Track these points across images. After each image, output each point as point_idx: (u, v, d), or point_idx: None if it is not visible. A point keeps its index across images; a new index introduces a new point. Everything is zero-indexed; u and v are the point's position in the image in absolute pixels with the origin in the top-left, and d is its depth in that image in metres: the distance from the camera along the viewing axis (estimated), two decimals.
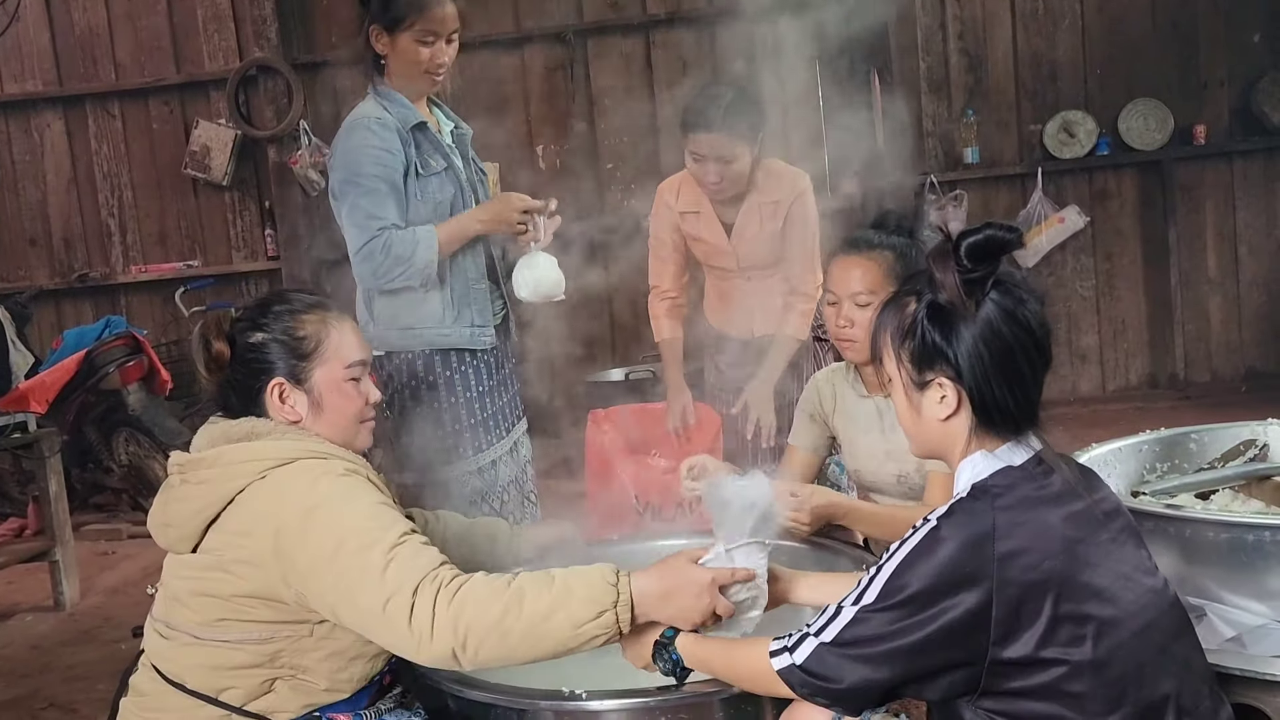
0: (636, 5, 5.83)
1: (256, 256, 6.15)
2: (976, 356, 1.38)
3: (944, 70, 5.73)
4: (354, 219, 2.46)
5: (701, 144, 2.85)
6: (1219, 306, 5.74)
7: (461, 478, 2.58)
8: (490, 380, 2.65)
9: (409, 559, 1.57)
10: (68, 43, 6.14)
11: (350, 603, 1.58)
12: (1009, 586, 1.28)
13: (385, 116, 2.50)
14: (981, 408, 1.40)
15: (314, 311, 1.78)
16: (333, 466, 1.67)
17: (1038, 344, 1.40)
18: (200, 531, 1.68)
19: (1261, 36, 5.52)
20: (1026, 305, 1.39)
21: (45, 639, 3.77)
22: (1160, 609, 1.37)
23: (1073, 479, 1.39)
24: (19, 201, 6.28)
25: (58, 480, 4.03)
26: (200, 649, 1.67)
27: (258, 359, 1.74)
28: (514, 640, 1.51)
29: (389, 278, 2.47)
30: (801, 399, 2.46)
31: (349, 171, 2.47)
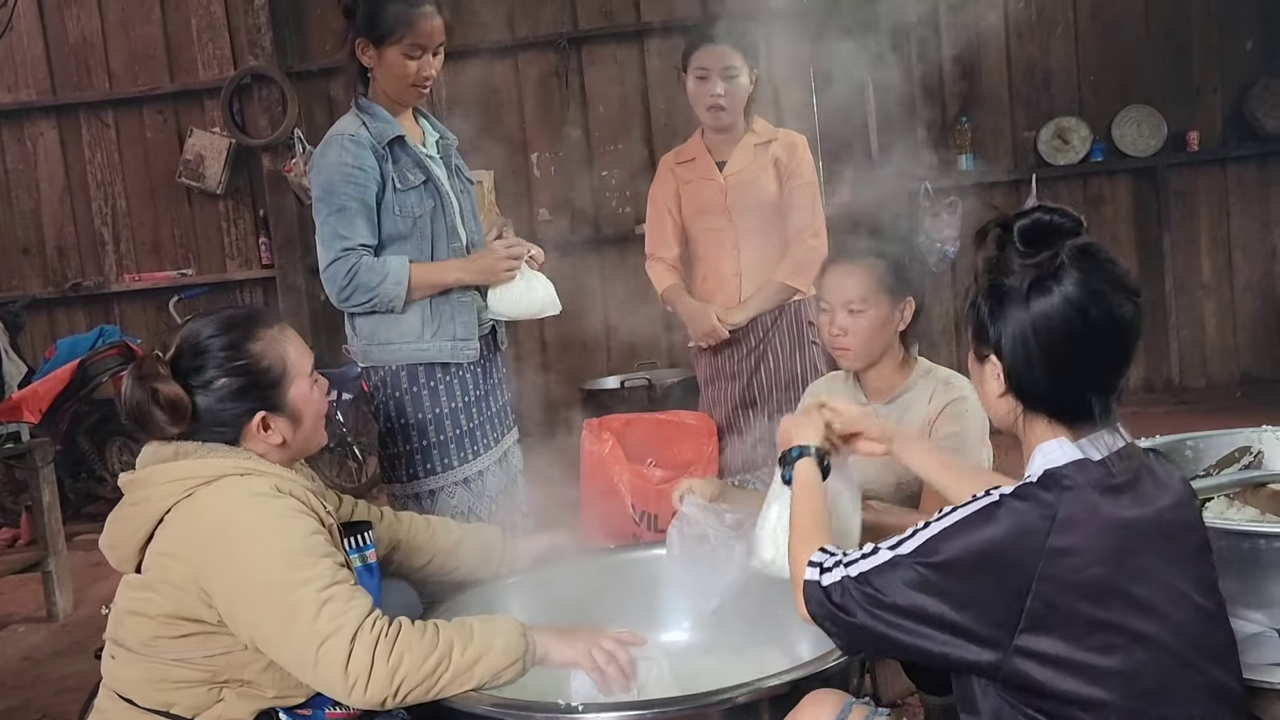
0: (630, 12, 5.84)
1: (251, 265, 6.14)
2: (1020, 342, 1.36)
3: (938, 77, 5.74)
4: (322, 237, 2.45)
5: (706, 57, 2.97)
6: (1214, 312, 5.75)
7: (448, 489, 2.55)
8: (476, 390, 2.61)
9: (344, 602, 1.59)
10: (61, 52, 6.13)
11: (279, 639, 1.58)
12: (1050, 582, 1.27)
13: (360, 133, 2.48)
14: (1020, 392, 1.39)
15: (261, 336, 1.74)
16: (258, 484, 1.64)
17: (1098, 337, 1.34)
18: (138, 552, 1.68)
19: (1254, 43, 5.54)
20: (1101, 299, 1.33)
21: (38, 650, 3.75)
22: (1205, 631, 1.35)
23: (1151, 486, 1.37)
24: (12, 210, 6.26)
25: (51, 490, 4.01)
26: (144, 664, 1.67)
27: (229, 402, 1.70)
28: (439, 688, 1.60)
29: (351, 302, 2.46)
30: (800, 405, 2.45)
31: (321, 189, 2.47)
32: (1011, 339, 1.37)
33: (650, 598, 2.25)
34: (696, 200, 3.12)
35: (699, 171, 3.13)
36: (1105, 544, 1.29)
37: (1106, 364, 1.38)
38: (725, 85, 2.97)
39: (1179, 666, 1.31)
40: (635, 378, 4.94)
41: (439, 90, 5.94)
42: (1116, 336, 1.36)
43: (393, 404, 2.55)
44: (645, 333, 5.85)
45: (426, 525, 2.16)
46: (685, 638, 2.23)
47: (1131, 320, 1.37)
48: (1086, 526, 1.29)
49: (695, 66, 3.00)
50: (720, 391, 3.12)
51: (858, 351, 2.22)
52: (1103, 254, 1.38)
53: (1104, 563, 1.28)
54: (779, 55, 5.75)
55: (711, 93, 2.98)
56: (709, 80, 2.98)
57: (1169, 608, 1.31)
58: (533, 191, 6.01)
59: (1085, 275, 1.34)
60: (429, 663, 1.58)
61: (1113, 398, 1.39)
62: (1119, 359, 1.38)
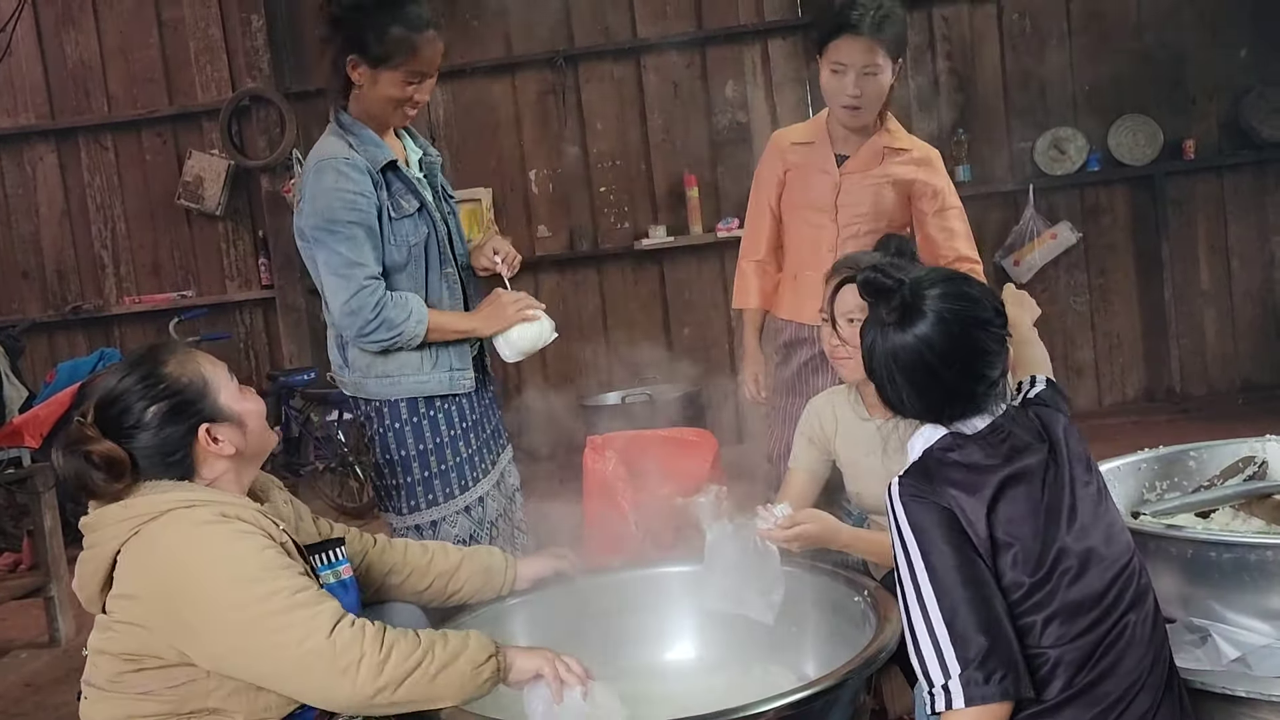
0: (627, 29, 5.86)
1: (250, 285, 6.15)
2: (882, 367, 1.63)
3: (933, 89, 5.75)
4: (334, 267, 2.32)
5: (845, 50, 2.65)
6: (1213, 319, 5.75)
7: (451, 518, 2.50)
8: (472, 415, 2.55)
9: (313, 606, 1.59)
10: (60, 75, 6.16)
11: (255, 652, 1.58)
12: (961, 514, 1.49)
13: (354, 156, 2.35)
14: (890, 406, 1.65)
15: (168, 360, 1.73)
16: (202, 514, 1.63)
17: (945, 359, 1.55)
18: (99, 593, 1.69)
19: (1248, 51, 5.56)
20: (946, 325, 1.54)
21: (39, 676, 3.73)
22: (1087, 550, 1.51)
23: (1025, 438, 1.56)
24: (11, 234, 6.27)
25: (52, 515, 4.01)
26: (112, 701, 1.67)
27: (169, 425, 1.69)
28: (425, 682, 1.59)
29: (372, 337, 2.36)
30: (801, 422, 2.45)
31: (322, 218, 2.32)
32: (877, 368, 1.63)
33: (655, 616, 2.24)
34: (803, 190, 2.85)
35: (814, 159, 2.83)
36: (984, 497, 1.50)
37: (962, 380, 1.57)
38: (863, 84, 2.67)
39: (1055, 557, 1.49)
40: (636, 393, 4.94)
41: (436, 109, 5.96)
42: (964, 356, 1.56)
43: (392, 436, 2.47)
44: (646, 348, 5.86)
45: (424, 550, 2.14)
46: (691, 656, 2.23)
47: (977, 341, 1.57)
48: (967, 480, 1.51)
49: (831, 59, 2.68)
50: (791, 406, 2.85)
51: (857, 363, 2.20)
52: (954, 279, 1.61)
53: (980, 515, 1.49)
54: (777, 68, 5.79)
55: (847, 92, 2.67)
56: (845, 76, 2.66)
57: (1032, 543, 1.49)
58: (531, 208, 6.02)
59: (935, 309, 1.56)
60: (415, 655, 1.59)
61: (983, 402, 1.58)
62: (975, 375, 1.57)
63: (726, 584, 2.02)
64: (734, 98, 5.82)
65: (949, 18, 5.72)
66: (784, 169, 2.90)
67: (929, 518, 1.50)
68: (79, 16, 6.11)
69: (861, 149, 2.81)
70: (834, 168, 2.82)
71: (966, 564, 1.46)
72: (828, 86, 2.74)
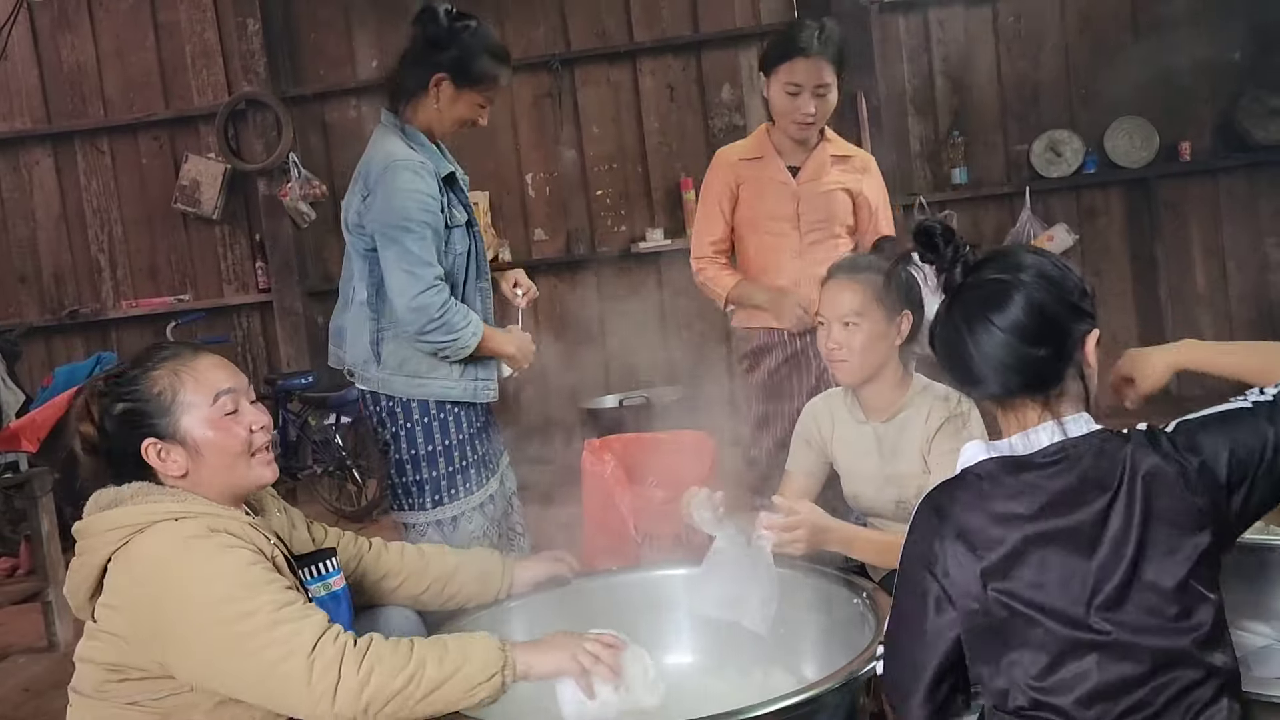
0: (623, 33, 5.87)
1: (248, 289, 6.15)
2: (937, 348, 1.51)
3: (929, 92, 5.77)
4: (406, 263, 2.42)
5: (798, 71, 2.81)
6: (1209, 322, 5.76)
7: (469, 514, 2.61)
8: (479, 420, 2.66)
9: (295, 622, 1.57)
10: (56, 80, 6.15)
11: (235, 670, 1.56)
12: (946, 578, 1.38)
13: (427, 162, 2.51)
14: (964, 388, 1.50)
15: (163, 365, 1.73)
16: (189, 527, 1.63)
17: (1036, 309, 1.41)
18: (88, 602, 1.69)
19: (1242, 55, 5.58)
20: (1023, 279, 1.42)
21: (38, 681, 3.72)
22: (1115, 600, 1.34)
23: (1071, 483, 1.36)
24: (8, 239, 6.27)
25: (50, 520, 3.99)
26: (98, 710, 1.67)
27: (123, 428, 1.71)
28: (414, 703, 1.56)
29: (431, 338, 2.46)
30: (798, 425, 2.45)
31: (398, 215, 2.43)
32: (939, 339, 1.48)
33: (654, 619, 2.24)
34: (760, 202, 2.94)
35: (767, 171, 2.95)
36: (992, 534, 1.36)
37: (1051, 333, 1.43)
38: (817, 102, 2.83)
39: (1072, 644, 1.33)
40: (634, 396, 4.95)
41: None
42: (1053, 304, 1.43)
43: (420, 430, 2.57)
44: (643, 351, 5.86)
45: (420, 554, 2.14)
46: (690, 659, 2.23)
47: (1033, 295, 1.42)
48: (968, 522, 1.38)
49: (785, 80, 2.83)
50: (770, 414, 2.96)
51: (854, 365, 2.22)
52: (1018, 249, 1.49)
53: (989, 548, 1.36)
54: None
55: (803, 110, 2.83)
56: (800, 96, 2.82)
57: (1059, 591, 1.33)
58: (528, 212, 6.02)
59: (1004, 265, 1.45)
60: (401, 676, 1.55)
61: (1060, 372, 1.42)
62: (1061, 328, 1.43)
63: (725, 592, 2.02)
64: (730, 100, 5.83)
65: (944, 21, 5.74)
66: (736, 183, 2.99)
67: (916, 552, 1.44)
68: (75, 20, 6.11)
69: (810, 159, 2.95)
70: (790, 178, 2.94)
71: (920, 618, 1.43)
72: (781, 105, 2.88)
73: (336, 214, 6.83)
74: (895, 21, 5.74)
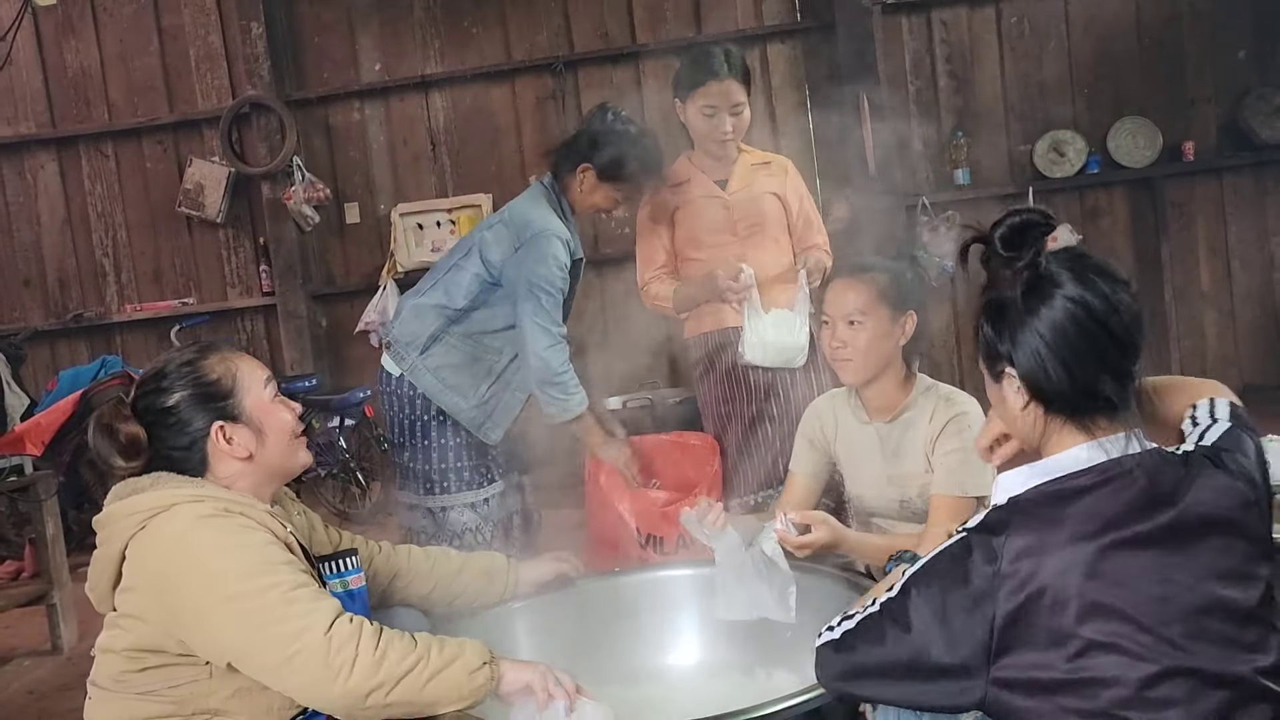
0: (625, 34, 5.87)
1: (251, 292, 6.16)
2: (1026, 344, 1.36)
3: (933, 93, 5.77)
4: (541, 320, 2.76)
5: (714, 94, 2.97)
6: (1214, 321, 5.75)
7: (458, 508, 2.80)
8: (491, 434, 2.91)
9: (313, 600, 1.59)
10: (60, 84, 6.17)
11: (250, 650, 1.57)
12: (1006, 607, 1.27)
13: (571, 241, 2.84)
14: (1040, 395, 1.37)
15: (211, 354, 1.78)
16: (206, 508, 1.65)
17: (1105, 326, 1.34)
18: (109, 591, 1.70)
19: (1246, 53, 5.57)
20: (1093, 288, 1.35)
21: (43, 683, 3.73)
22: (1203, 627, 1.28)
23: (1168, 486, 1.31)
24: (13, 243, 6.29)
25: (54, 523, 4.01)
26: (115, 702, 1.67)
27: (182, 417, 1.72)
28: (418, 686, 1.58)
29: (546, 390, 2.78)
30: (801, 424, 2.45)
31: (542, 277, 2.75)
32: (1022, 345, 1.37)
33: (658, 620, 2.24)
34: (697, 220, 3.06)
35: (698, 191, 3.07)
36: (1052, 564, 1.27)
37: (1115, 351, 1.36)
38: (734, 120, 2.99)
39: (1159, 669, 1.26)
40: (637, 398, 4.94)
41: (436, 116, 5.98)
42: (1118, 322, 1.36)
43: (419, 426, 2.85)
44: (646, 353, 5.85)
45: (426, 555, 2.16)
46: (693, 660, 2.23)
47: (1129, 306, 1.37)
48: (1033, 550, 1.28)
49: (702, 104, 2.99)
50: (732, 411, 3.07)
51: (858, 364, 2.22)
52: (1085, 252, 1.40)
53: (1056, 575, 1.27)
54: (776, 73, 5.80)
55: (722, 129, 2.99)
56: (717, 117, 2.98)
57: (1142, 610, 1.27)
58: None
59: (1075, 271, 1.36)
60: (410, 658, 1.58)
61: (1129, 388, 1.37)
62: (1125, 345, 1.37)
63: (741, 595, 2.02)
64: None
65: (948, 22, 5.73)
66: (670, 210, 3.10)
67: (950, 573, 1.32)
68: (79, 25, 6.12)
69: (734, 171, 3.09)
70: (719, 191, 3.07)
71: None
72: (700, 127, 3.03)
73: (340, 217, 6.84)
74: (898, 22, 5.74)
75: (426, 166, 6.01)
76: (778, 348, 2.92)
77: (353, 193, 6.06)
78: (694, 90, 2.99)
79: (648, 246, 3.15)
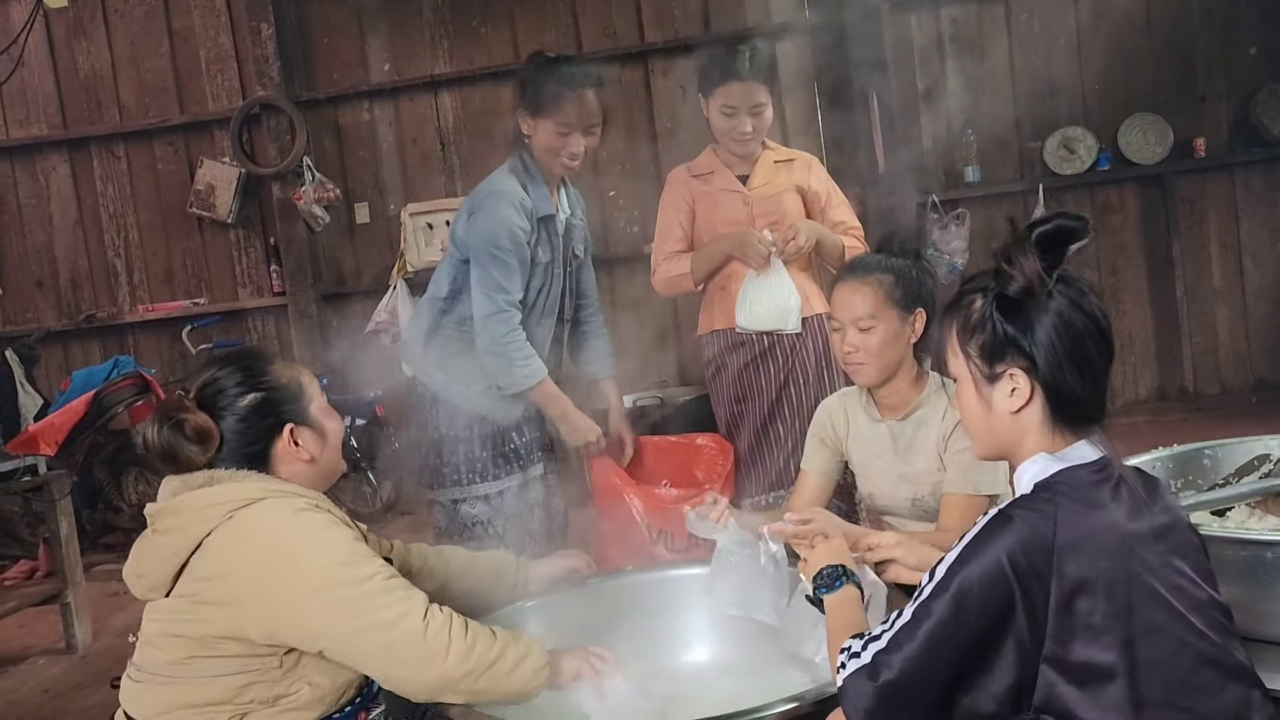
0: (634, 33, 5.87)
1: (262, 292, 6.18)
2: (1050, 344, 1.39)
3: (942, 90, 5.75)
4: (484, 286, 2.67)
5: (734, 94, 2.97)
6: (1226, 318, 5.73)
7: (469, 500, 2.79)
8: (499, 426, 2.83)
9: (406, 589, 1.68)
10: (72, 86, 6.20)
11: (348, 629, 1.63)
12: (1065, 581, 1.28)
13: (526, 201, 2.70)
14: (1055, 396, 1.40)
15: (273, 360, 1.86)
16: (298, 503, 1.72)
17: (1103, 333, 1.41)
18: (171, 578, 1.71)
19: (1258, 49, 5.54)
20: (1088, 296, 1.42)
21: (57, 682, 3.75)
22: (1214, 619, 1.35)
23: (1136, 486, 1.38)
24: (25, 244, 6.32)
25: (68, 522, 4.03)
26: (171, 688, 1.69)
27: (256, 416, 1.77)
28: (499, 676, 1.67)
29: (487, 360, 2.69)
30: (813, 423, 2.45)
31: (486, 239, 2.66)
32: (1043, 343, 1.39)
33: (668, 619, 2.24)
34: (717, 212, 3.06)
35: (720, 184, 3.09)
36: (1106, 540, 1.31)
37: (1109, 357, 1.43)
38: (754, 121, 2.99)
39: (1196, 656, 1.31)
40: (647, 396, 4.94)
41: (445, 116, 5.99)
42: (1109, 328, 1.43)
43: (427, 420, 2.83)
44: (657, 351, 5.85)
45: (437, 553, 2.18)
46: (704, 658, 2.22)
47: (1106, 314, 1.45)
48: (1088, 522, 1.32)
49: (721, 103, 2.99)
50: (745, 410, 3.07)
51: (871, 367, 2.22)
52: (1071, 270, 1.46)
53: (1109, 556, 1.30)
54: (785, 71, 5.80)
55: (741, 129, 2.99)
56: (737, 117, 2.98)
57: (1176, 597, 1.32)
58: None
59: (1070, 277, 1.42)
60: (495, 648, 1.67)
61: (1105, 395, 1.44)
62: (1112, 353, 1.44)
63: (734, 591, 2.03)
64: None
65: (957, 18, 5.72)
66: (692, 198, 3.11)
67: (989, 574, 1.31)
68: (90, 28, 6.15)
69: (757, 168, 3.10)
70: (741, 187, 3.08)
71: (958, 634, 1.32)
72: (720, 126, 3.03)
73: (350, 217, 6.86)
74: (907, 20, 5.72)
75: (436, 166, 6.02)
76: (767, 308, 2.94)
77: (362, 193, 6.08)
78: (715, 89, 3.00)
79: (665, 230, 3.16)
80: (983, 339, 1.43)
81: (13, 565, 4.93)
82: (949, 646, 1.31)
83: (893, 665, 1.33)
